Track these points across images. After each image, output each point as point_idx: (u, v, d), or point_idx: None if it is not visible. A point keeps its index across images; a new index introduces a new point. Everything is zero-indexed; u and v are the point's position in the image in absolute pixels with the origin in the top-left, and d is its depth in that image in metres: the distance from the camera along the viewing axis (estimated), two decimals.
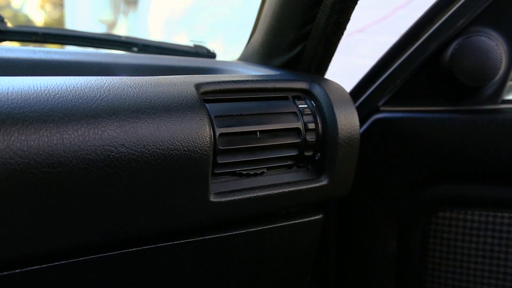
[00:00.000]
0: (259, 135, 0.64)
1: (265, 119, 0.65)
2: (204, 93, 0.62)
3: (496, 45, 0.87)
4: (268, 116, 0.65)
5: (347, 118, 0.71)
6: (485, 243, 0.94)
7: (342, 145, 0.70)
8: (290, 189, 0.67)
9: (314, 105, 0.71)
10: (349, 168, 0.74)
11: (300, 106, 0.69)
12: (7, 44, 0.94)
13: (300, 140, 0.68)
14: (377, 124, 0.96)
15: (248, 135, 0.63)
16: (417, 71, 0.94)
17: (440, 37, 0.90)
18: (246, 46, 1.02)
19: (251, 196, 0.64)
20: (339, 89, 0.74)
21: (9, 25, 0.91)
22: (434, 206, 0.97)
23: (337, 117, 0.70)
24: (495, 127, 0.88)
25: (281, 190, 0.67)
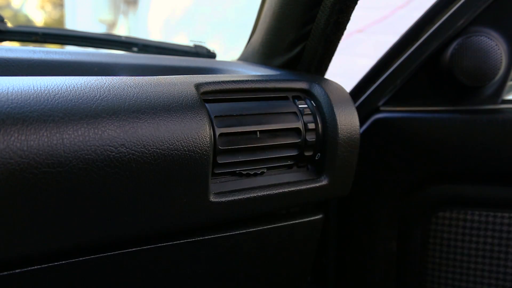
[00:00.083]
0: (259, 135, 0.64)
1: (265, 119, 0.65)
2: (204, 93, 0.62)
3: (496, 45, 0.87)
4: (268, 116, 0.65)
5: (347, 118, 0.71)
6: (485, 243, 0.94)
7: (342, 145, 0.70)
8: (290, 189, 0.67)
9: (314, 105, 0.71)
10: (349, 168, 0.74)
11: (300, 106, 0.69)
12: (7, 44, 0.94)
13: (300, 140, 0.68)
14: (377, 124, 0.96)
15: (248, 135, 0.63)
16: (417, 71, 0.94)
17: (440, 37, 0.90)
18: (246, 46, 1.02)
19: (251, 196, 0.64)
20: (339, 89, 0.74)
21: (9, 25, 0.91)
22: (434, 206, 0.97)
23: (337, 117, 0.70)
24: (495, 127, 0.88)
25: (281, 190, 0.67)
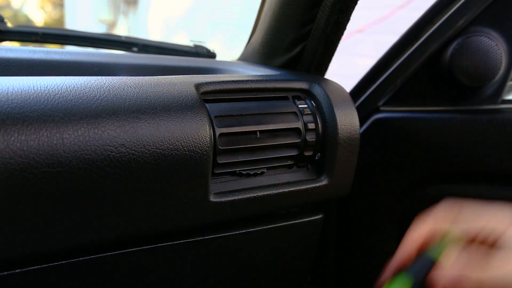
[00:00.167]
0: (259, 135, 0.64)
1: (265, 119, 0.65)
2: (204, 93, 0.62)
3: (496, 45, 0.87)
4: (268, 116, 0.65)
5: (347, 118, 0.71)
6: None
7: (342, 145, 0.70)
8: (290, 189, 0.67)
9: (314, 105, 0.71)
10: (349, 168, 0.74)
11: (300, 106, 0.69)
12: (7, 44, 0.94)
13: (300, 140, 0.68)
14: (377, 124, 0.96)
15: (248, 135, 0.63)
16: (417, 71, 0.94)
17: (440, 37, 0.90)
18: (246, 46, 1.01)
19: (251, 196, 0.64)
20: (339, 89, 0.74)
21: (9, 25, 0.91)
22: (434, 206, 0.96)
23: (337, 117, 0.69)
24: (495, 127, 0.88)
25: (281, 190, 0.67)
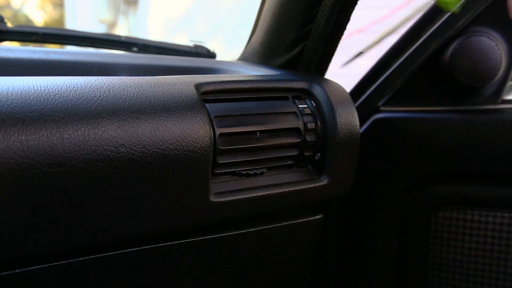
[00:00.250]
0: (259, 135, 0.64)
1: (265, 119, 0.65)
2: (204, 93, 0.62)
3: (496, 45, 0.87)
4: (268, 116, 0.65)
5: (347, 118, 0.71)
6: (485, 243, 0.94)
7: (342, 145, 0.70)
8: (290, 189, 0.67)
9: (314, 105, 0.71)
10: (349, 168, 0.74)
11: (300, 106, 0.69)
12: (7, 44, 0.94)
13: (300, 140, 0.68)
14: (377, 124, 0.96)
15: (248, 135, 0.63)
16: (417, 71, 0.94)
17: (440, 37, 0.90)
18: (246, 46, 1.02)
19: (251, 196, 0.64)
20: (339, 89, 0.74)
21: (9, 25, 0.91)
22: (434, 206, 0.97)
23: (337, 117, 0.69)
24: (495, 127, 0.88)
25: (281, 190, 0.67)
